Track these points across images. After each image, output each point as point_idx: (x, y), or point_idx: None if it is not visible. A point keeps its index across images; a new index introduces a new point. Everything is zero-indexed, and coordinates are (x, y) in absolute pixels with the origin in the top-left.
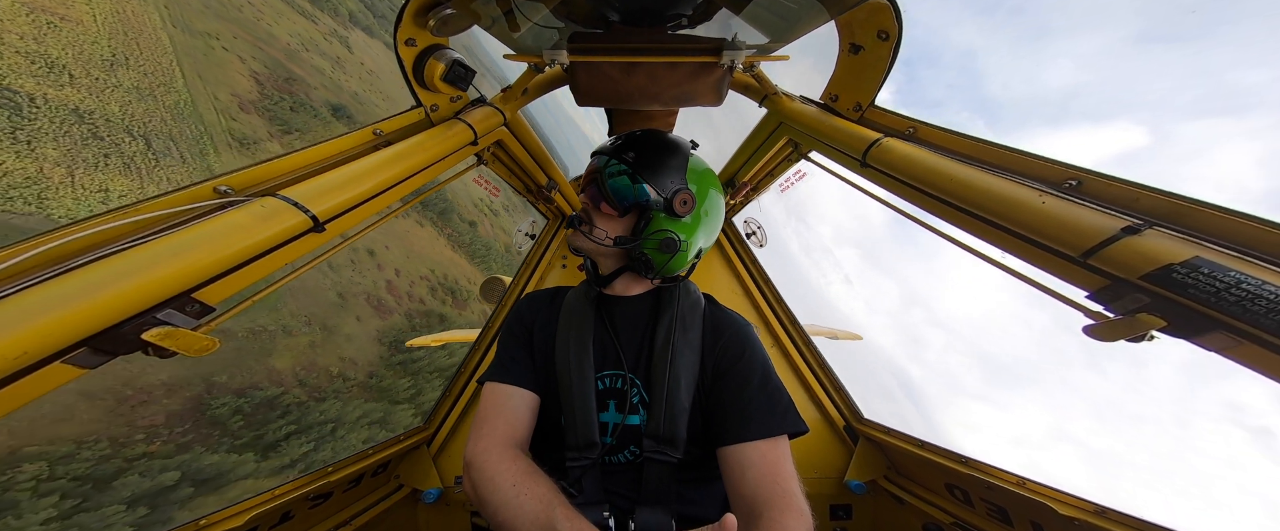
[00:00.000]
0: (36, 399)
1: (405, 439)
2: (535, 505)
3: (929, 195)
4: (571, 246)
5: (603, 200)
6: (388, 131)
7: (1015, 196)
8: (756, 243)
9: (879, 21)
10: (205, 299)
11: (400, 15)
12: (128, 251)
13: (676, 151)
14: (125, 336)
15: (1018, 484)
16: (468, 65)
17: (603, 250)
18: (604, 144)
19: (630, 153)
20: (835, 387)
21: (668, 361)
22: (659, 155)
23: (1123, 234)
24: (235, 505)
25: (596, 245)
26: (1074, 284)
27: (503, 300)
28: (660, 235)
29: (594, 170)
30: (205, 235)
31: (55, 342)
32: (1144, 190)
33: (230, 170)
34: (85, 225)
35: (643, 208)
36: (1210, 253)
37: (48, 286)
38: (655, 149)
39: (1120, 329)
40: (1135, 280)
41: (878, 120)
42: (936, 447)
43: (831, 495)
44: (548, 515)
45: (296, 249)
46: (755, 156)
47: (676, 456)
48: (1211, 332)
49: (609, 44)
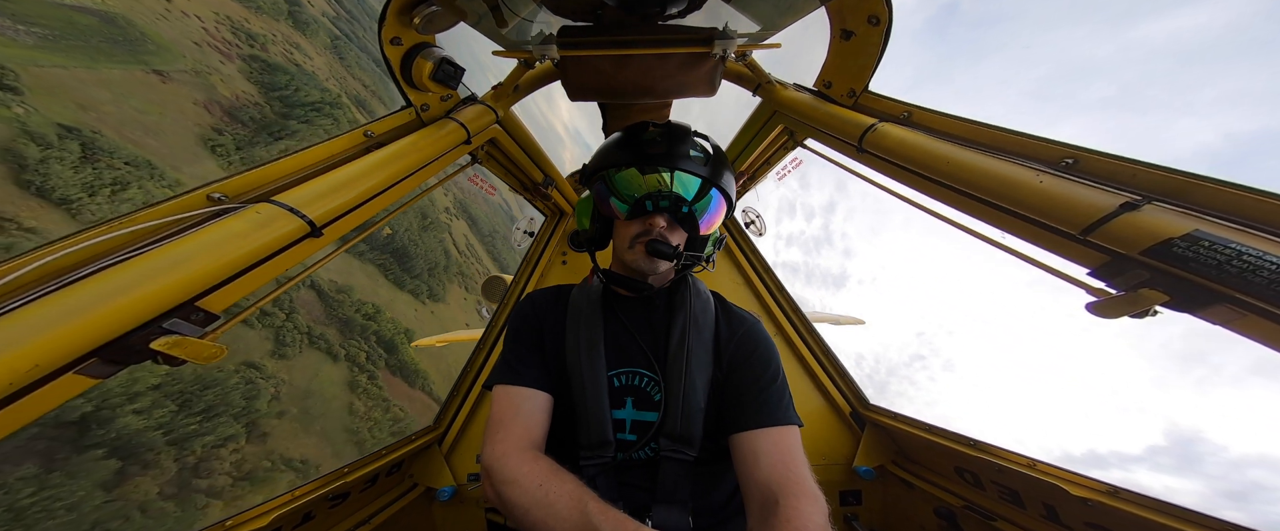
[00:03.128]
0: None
1: (417, 438)
2: (566, 502)
3: (926, 178)
4: (653, 270)
5: (694, 224)
6: (378, 133)
7: (1013, 176)
8: (755, 231)
9: (870, 7)
10: (209, 307)
11: (383, 13)
12: (129, 262)
13: (716, 146)
14: (134, 346)
15: (1029, 465)
16: (456, 63)
17: (678, 263)
18: (645, 153)
19: (705, 167)
20: (840, 374)
21: (684, 360)
22: (719, 159)
23: (1121, 210)
24: (258, 506)
25: (680, 261)
26: (1075, 261)
27: (505, 298)
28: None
29: (670, 195)
30: (204, 244)
31: (67, 354)
32: (1140, 166)
33: (222, 177)
34: (83, 237)
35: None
36: (1210, 225)
37: (55, 299)
38: (718, 159)
39: (1123, 305)
40: (1136, 255)
41: (872, 105)
42: (945, 431)
43: (840, 481)
44: (581, 510)
45: (295, 254)
46: (751, 145)
47: (693, 454)
48: (1214, 306)
49: (599, 37)
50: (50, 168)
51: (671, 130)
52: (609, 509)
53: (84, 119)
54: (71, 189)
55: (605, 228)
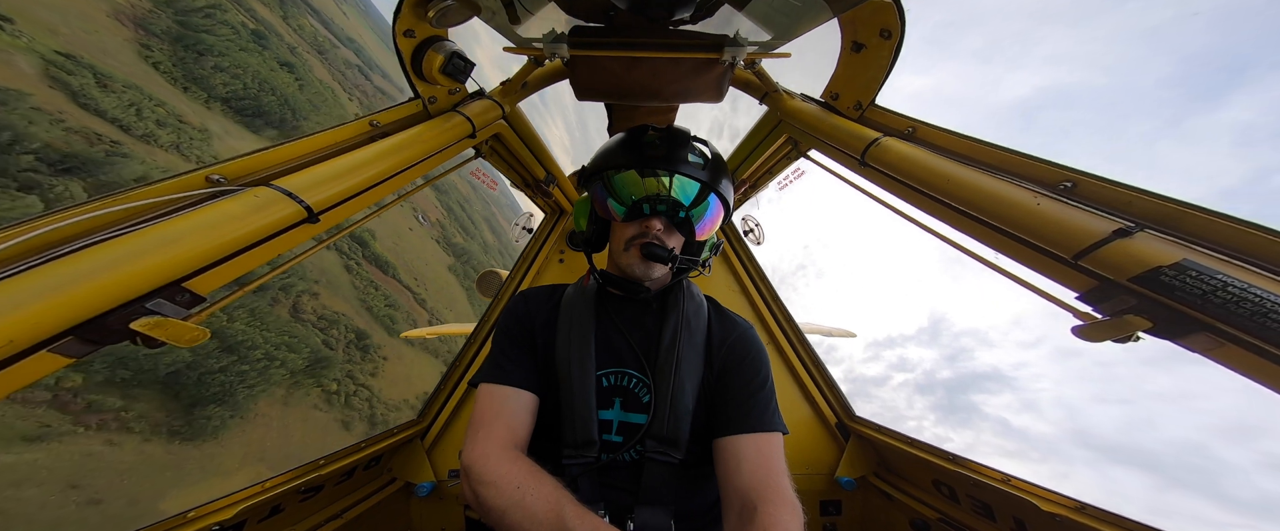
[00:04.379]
0: (22, 387)
1: (399, 432)
2: (543, 505)
3: (926, 195)
4: (647, 274)
5: (691, 228)
6: (384, 123)
7: (1011, 198)
8: (753, 240)
9: (882, 20)
10: (196, 288)
11: (399, 6)
12: (118, 239)
13: (716, 152)
14: (112, 326)
15: (1002, 480)
16: (467, 57)
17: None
18: (645, 156)
19: (703, 172)
20: (828, 385)
21: (674, 363)
22: (718, 164)
23: (1114, 236)
24: (223, 498)
25: (675, 265)
26: (1065, 285)
27: (499, 294)
28: (717, 237)
29: (668, 199)
30: (197, 224)
31: (42, 331)
32: (1137, 193)
33: (224, 159)
34: (75, 212)
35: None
36: (1199, 256)
37: (35, 274)
38: (717, 165)
39: (1107, 329)
40: (1124, 281)
41: (878, 119)
42: (926, 445)
43: (822, 491)
44: (557, 514)
45: (290, 239)
46: (755, 153)
47: (678, 457)
48: (1195, 334)
49: (610, 38)
50: (91, 93)
51: (672, 134)
52: (586, 512)
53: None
54: (117, 110)
55: (602, 229)
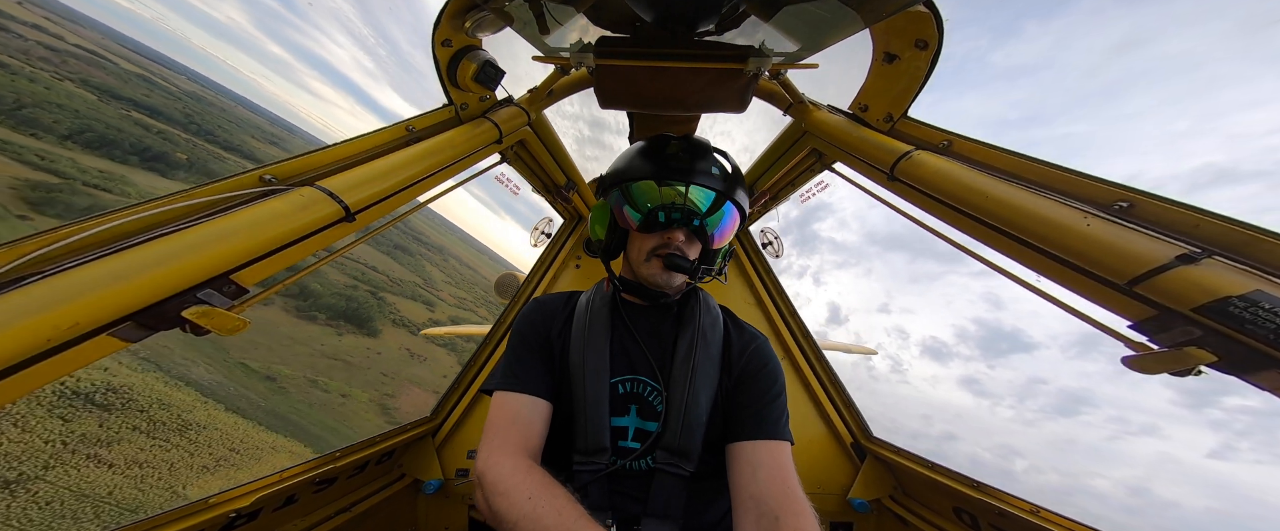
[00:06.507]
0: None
1: (411, 429)
2: (554, 519)
3: (960, 212)
4: (669, 284)
5: (706, 236)
6: (419, 127)
7: (1057, 218)
8: (773, 253)
9: (919, 30)
10: (242, 281)
11: (439, 16)
12: (177, 234)
13: (734, 164)
14: (167, 313)
15: (1031, 511)
16: (498, 66)
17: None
18: (666, 167)
19: (720, 182)
20: (845, 403)
21: (688, 374)
22: (735, 175)
23: (1177, 262)
24: (243, 485)
25: (695, 275)
26: (1116, 311)
27: (516, 297)
28: (730, 245)
29: (684, 208)
30: (247, 220)
31: (105, 316)
32: (1204, 216)
33: (277, 160)
34: (143, 208)
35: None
36: (1274, 286)
37: (102, 263)
38: (734, 176)
39: (1166, 361)
40: (1186, 311)
41: (910, 132)
42: (947, 470)
43: (833, 512)
44: (567, 529)
45: (328, 236)
46: (777, 165)
47: (689, 469)
48: (1267, 371)
49: (635, 48)
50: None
51: (691, 145)
52: (596, 528)
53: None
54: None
55: (620, 237)
